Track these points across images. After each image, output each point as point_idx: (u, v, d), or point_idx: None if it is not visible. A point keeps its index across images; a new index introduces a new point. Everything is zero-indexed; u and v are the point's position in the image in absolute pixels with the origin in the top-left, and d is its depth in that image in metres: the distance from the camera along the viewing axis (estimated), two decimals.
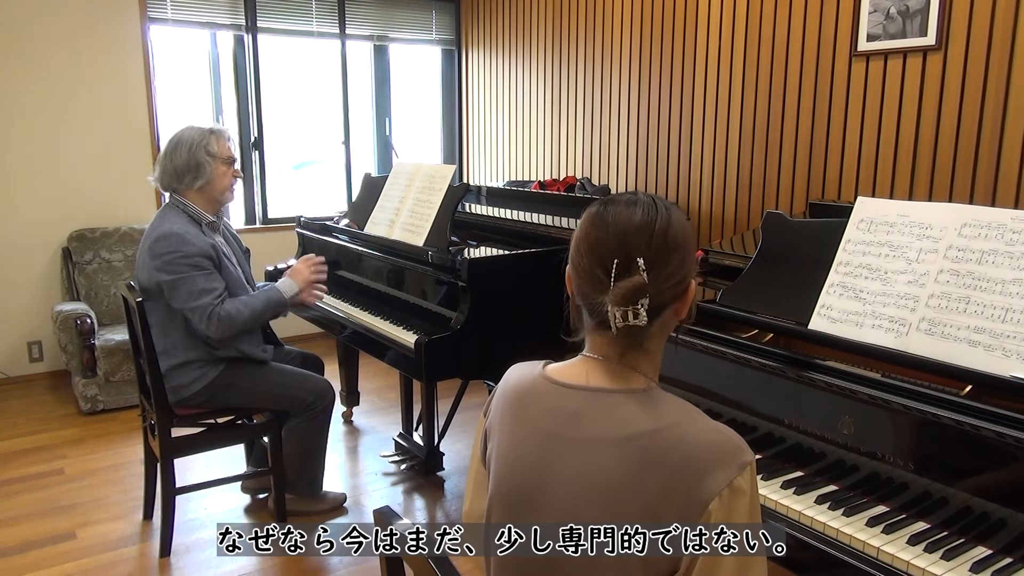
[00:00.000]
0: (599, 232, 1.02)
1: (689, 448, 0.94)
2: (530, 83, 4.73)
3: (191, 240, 2.43)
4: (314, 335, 4.83)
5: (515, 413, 1.08)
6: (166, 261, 2.40)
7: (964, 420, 1.33)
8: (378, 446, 3.47)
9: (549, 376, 1.07)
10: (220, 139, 2.57)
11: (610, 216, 1.02)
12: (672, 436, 0.95)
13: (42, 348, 4.32)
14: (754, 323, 1.78)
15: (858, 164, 3.00)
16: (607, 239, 1.00)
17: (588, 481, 0.98)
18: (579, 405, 1.02)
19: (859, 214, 1.69)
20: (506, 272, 2.62)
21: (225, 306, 2.43)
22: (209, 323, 2.41)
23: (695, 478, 0.92)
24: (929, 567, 1.25)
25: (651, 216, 1.01)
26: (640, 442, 0.95)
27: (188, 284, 2.40)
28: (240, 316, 2.45)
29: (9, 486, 3.06)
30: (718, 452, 0.94)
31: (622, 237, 1.00)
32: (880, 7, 2.84)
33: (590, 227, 1.03)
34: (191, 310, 2.41)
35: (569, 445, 1.00)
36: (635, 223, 1.00)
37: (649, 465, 0.94)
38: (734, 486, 0.92)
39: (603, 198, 1.07)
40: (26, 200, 4.17)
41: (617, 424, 0.98)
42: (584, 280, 1.02)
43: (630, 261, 0.98)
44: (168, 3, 4.45)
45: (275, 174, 5.09)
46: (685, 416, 0.98)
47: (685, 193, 3.74)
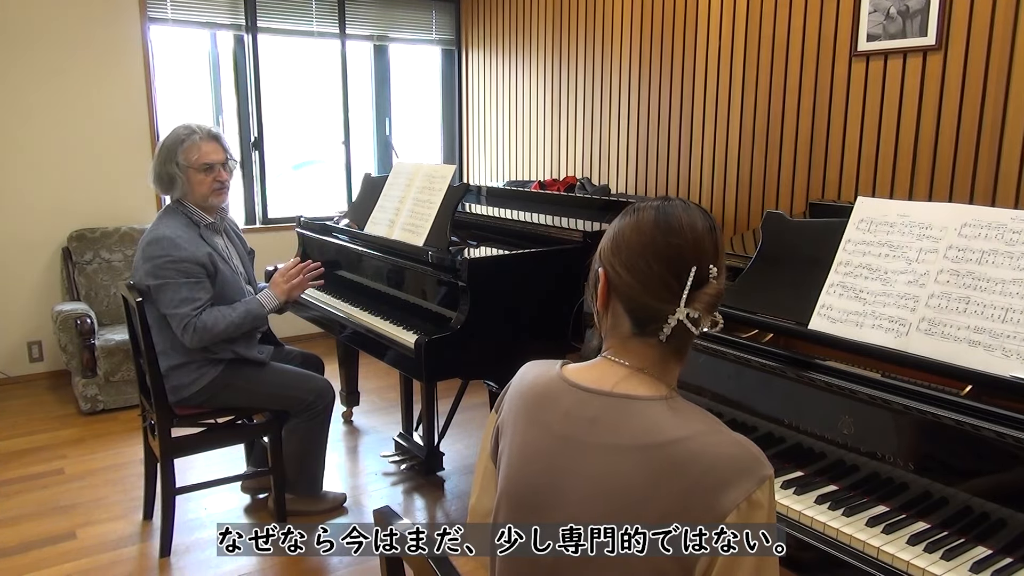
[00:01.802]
0: (672, 238, 0.99)
1: (709, 460, 0.92)
2: (530, 83, 4.72)
3: (183, 246, 2.43)
4: (314, 335, 4.83)
5: (530, 413, 1.06)
6: (156, 265, 2.41)
7: (964, 420, 1.33)
8: (378, 446, 3.47)
9: (567, 378, 1.05)
10: (191, 146, 2.50)
11: (677, 222, 1.00)
12: (692, 447, 0.93)
13: (42, 348, 4.32)
14: (754, 323, 1.78)
15: (858, 164, 3.00)
16: (683, 245, 0.98)
17: (602, 487, 0.96)
18: (598, 410, 1.00)
19: (859, 214, 1.69)
20: (506, 272, 2.62)
21: (203, 317, 2.43)
22: (184, 332, 2.42)
23: (713, 490, 0.91)
24: (929, 567, 1.25)
25: (710, 222, 1.01)
26: (660, 451, 0.94)
27: (172, 290, 2.41)
28: (216, 327, 2.44)
29: (9, 486, 3.06)
30: (737, 465, 0.93)
31: (697, 244, 0.99)
32: (880, 7, 2.84)
33: (658, 232, 1.00)
34: (171, 316, 2.43)
35: (585, 449, 0.98)
36: (701, 229, 1.00)
37: (667, 475, 0.93)
38: (752, 500, 0.91)
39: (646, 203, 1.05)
40: (26, 200, 4.17)
41: (638, 432, 0.96)
42: (647, 287, 0.99)
43: (704, 268, 0.98)
44: (168, 3, 4.45)
45: (275, 174, 5.09)
46: (707, 427, 0.97)
47: (685, 193, 3.74)
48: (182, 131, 2.53)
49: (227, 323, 2.47)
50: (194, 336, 2.42)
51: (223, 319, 2.46)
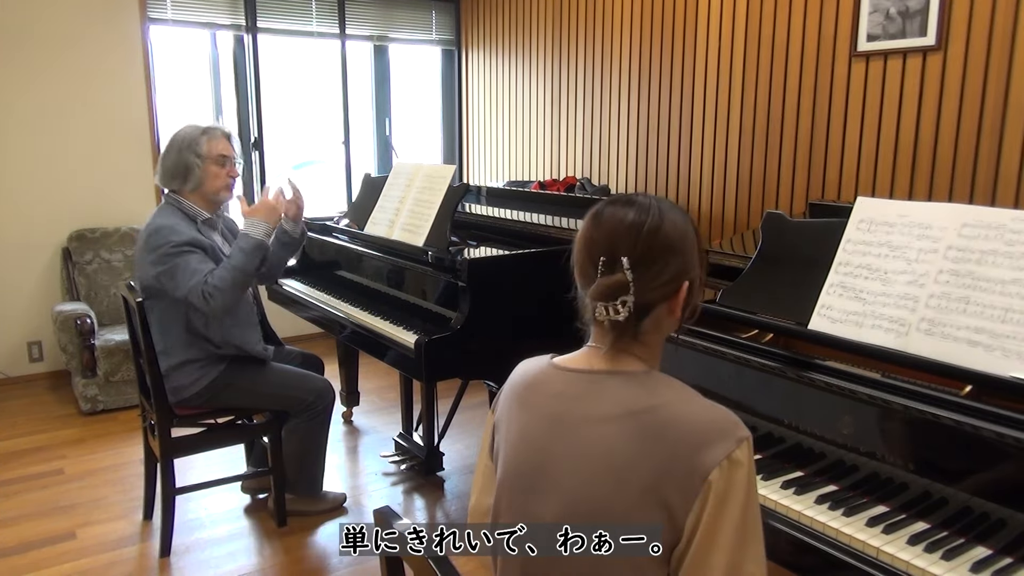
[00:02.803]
0: (592, 230, 1.07)
1: (688, 424, 0.99)
2: (530, 83, 4.72)
3: (180, 230, 2.44)
4: (314, 335, 4.83)
5: (522, 400, 1.12)
6: (161, 253, 2.40)
7: (964, 420, 1.33)
8: (378, 446, 3.47)
9: (557, 364, 1.12)
10: (212, 139, 2.54)
11: (605, 215, 1.07)
12: (670, 413, 1.00)
13: (42, 348, 4.32)
14: (754, 323, 1.78)
15: (858, 164, 3.00)
16: (598, 237, 1.06)
17: (593, 456, 1.01)
18: (583, 387, 1.07)
19: (859, 214, 1.69)
20: (506, 272, 2.62)
21: (211, 281, 2.39)
22: (207, 302, 2.37)
23: (695, 451, 0.97)
24: (929, 567, 1.25)
25: (642, 217, 1.05)
26: (640, 418, 1.00)
27: (181, 270, 2.39)
28: (227, 280, 2.39)
29: (9, 486, 3.06)
30: (716, 427, 0.99)
31: (611, 236, 1.04)
32: (880, 7, 2.84)
33: (586, 224, 1.09)
34: (189, 293, 2.37)
35: (574, 423, 1.05)
36: (625, 223, 1.05)
37: (649, 440, 0.98)
38: (733, 458, 0.96)
39: (607, 198, 1.11)
40: (26, 200, 4.17)
41: (620, 401, 1.03)
42: (579, 274, 1.09)
43: (615, 260, 1.03)
44: (168, 3, 4.45)
45: (275, 174, 5.09)
46: (682, 394, 1.04)
47: (685, 193, 3.74)
48: (197, 126, 2.54)
49: (232, 269, 2.41)
50: (213, 300, 2.36)
51: (227, 269, 2.42)
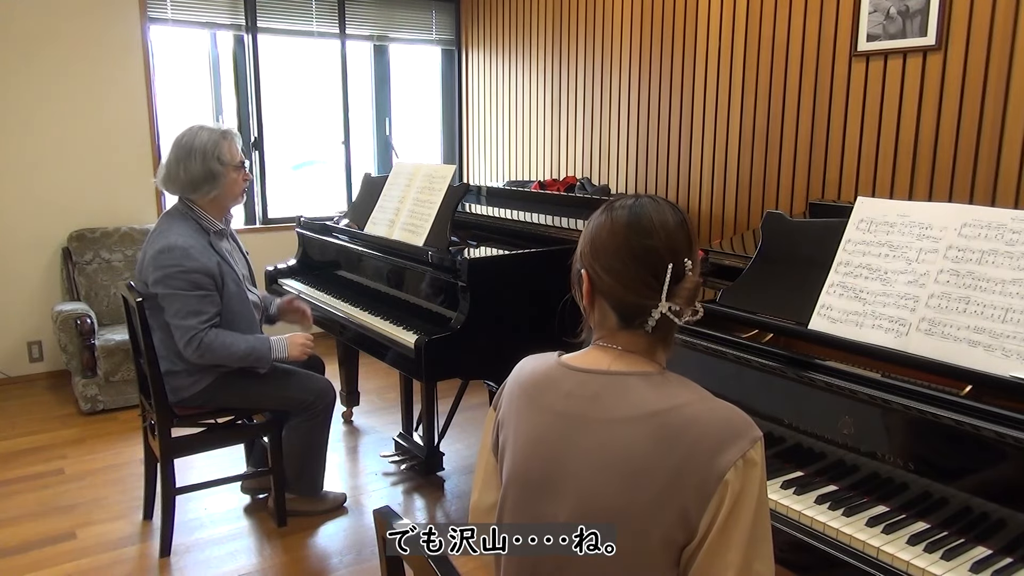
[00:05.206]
0: (645, 239, 1.04)
1: (704, 425, 0.99)
2: (530, 83, 4.72)
3: (195, 256, 2.40)
4: (314, 335, 4.81)
5: (531, 399, 1.11)
6: (166, 274, 2.38)
7: (964, 420, 1.33)
8: (378, 446, 3.47)
9: (566, 363, 1.11)
10: (232, 144, 2.54)
11: (649, 222, 1.05)
12: (687, 414, 1.00)
13: (42, 348, 4.32)
14: (754, 323, 1.78)
15: (858, 164, 3.00)
16: (656, 246, 1.04)
17: (609, 456, 1.01)
18: (599, 387, 1.05)
19: (859, 214, 1.69)
20: (506, 272, 2.62)
21: (211, 335, 2.40)
22: (188, 346, 2.39)
23: (711, 452, 0.97)
24: (929, 567, 1.25)
25: (680, 216, 1.07)
26: (658, 419, 1.00)
27: (181, 301, 2.39)
28: (219, 352, 2.42)
29: (9, 486, 3.06)
30: (732, 427, 0.99)
31: (670, 242, 1.04)
32: (880, 7, 2.84)
33: (631, 234, 1.04)
34: (176, 327, 2.40)
35: (589, 424, 1.04)
36: (673, 226, 1.05)
37: (667, 441, 0.99)
38: (748, 458, 0.97)
39: (618, 202, 1.09)
40: (26, 200, 4.17)
41: (636, 403, 1.02)
42: (627, 286, 1.04)
43: (680, 264, 1.03)
44: (168, 3, 4.45)
45: (275, 174, 5.09)
46: (697, 395, 1.04)
47: (685, 193, 3.74)
48: (213, 129, 2.51)
49: (230, 352, 2.44)
50: (196, 352, 2.39)
51: (228, 347, 2.43)
